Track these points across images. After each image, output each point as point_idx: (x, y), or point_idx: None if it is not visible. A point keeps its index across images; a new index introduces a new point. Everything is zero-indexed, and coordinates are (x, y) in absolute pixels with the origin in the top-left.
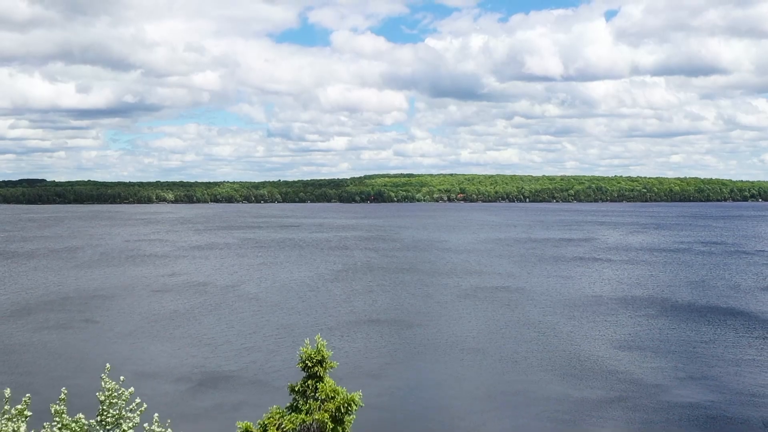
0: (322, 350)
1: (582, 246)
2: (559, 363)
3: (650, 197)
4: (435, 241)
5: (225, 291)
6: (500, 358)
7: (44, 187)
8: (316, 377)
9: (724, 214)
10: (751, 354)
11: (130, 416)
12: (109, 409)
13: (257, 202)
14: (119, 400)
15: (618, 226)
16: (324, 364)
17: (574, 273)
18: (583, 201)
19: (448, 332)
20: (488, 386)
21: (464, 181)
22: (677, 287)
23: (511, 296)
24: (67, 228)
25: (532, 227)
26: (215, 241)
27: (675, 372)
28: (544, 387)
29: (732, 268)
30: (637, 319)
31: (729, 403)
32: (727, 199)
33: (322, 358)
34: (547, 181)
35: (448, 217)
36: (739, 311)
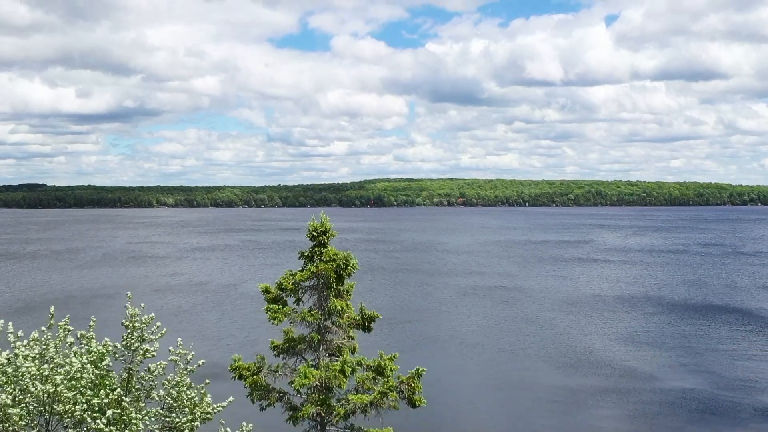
0: (325, 223)
1: (581, 247)
2: (556, 355)
3: (650, 201)
4: (434, 243)
5: (226, 289)
6: (498, 350)
7: (45, 191)
8: (321, 244)
9: (722, 217)
10: (744, 346)
11: (152, 338)
12: (132, 333)
13: (257, 206)
14: (141, 324)
15: (617, 229)
16: (327, 234)
17: (573, 273)
18: (583, 205)
19: (447, 328)
20: (486, 376)
21: (464, 186)
22: (674, 285)
23: (509, 294)
24: (68, 231)
25: (532, 230)
26: (216, 243)
27: (670, 363)
28: (540, 376)
29: (728, 267)
30: (634, 315)
31: (721, 391)
32: (726, 204)
33: (326, 230)
34: (546, 185)
35: (447, 220)
36: (734, 308)
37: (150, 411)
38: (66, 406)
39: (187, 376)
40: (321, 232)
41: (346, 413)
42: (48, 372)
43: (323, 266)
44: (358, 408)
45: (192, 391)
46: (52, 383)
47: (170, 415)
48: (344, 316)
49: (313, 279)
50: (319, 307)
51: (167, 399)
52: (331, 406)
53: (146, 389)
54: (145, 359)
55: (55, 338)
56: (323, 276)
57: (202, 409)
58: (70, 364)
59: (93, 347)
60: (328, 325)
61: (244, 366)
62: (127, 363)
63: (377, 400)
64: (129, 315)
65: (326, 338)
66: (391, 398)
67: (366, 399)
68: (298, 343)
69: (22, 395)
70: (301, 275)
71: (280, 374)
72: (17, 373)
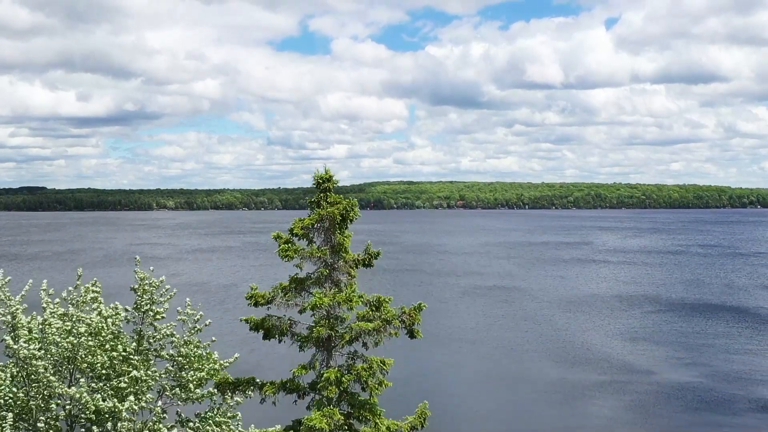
0: (329, 172)
1: (580, 248)
2: (554, 350)
3: (649, 204)
4: (434, 244)
5: (227, 289)
6: (497, 346)
7: (45, 194)
8: (325, 191)
9: (721, 219)
10: (740, 342)
11: (161, 301)
12: (142, 296)
13: (257, 209)
14: (151, 287)
15: (616, 231)
16: (331, 181)
17: (572, 272)
18: (582, 208)
19: (447, 325)
20: (483, 370)
21: (463, 188)
22: (672, 285)
23: (508, 293)
24: (68, 233)
25: (532, 232)
26: (217, 245)
27: (666, 358)
28: (539, 371)
29: (726, 267)
30: (632, 313)
31: (717, 384)
32: (725, 206)
33: (329, 177)
34: (546, 188)
35: (447, 222)
36: (731, 306)
37: (158, 371)
38: (89, 358)
39: (195, 335)
40: (326, 180)
41: (351, 338)
42: (71, 326)
43: (329, 209)
44: (363, 332)
45: (199, 348)
46: (77, 334)
47: (180, 373)
48: (349, 253)
49: (320, 222)
50: (326, 245)
51: (177, 357)
52: (339, 331)
53: (156, 349)
54: (156, 321)
55: (80, 297)
56: (329, 218)
57: (210, 365)
58: (90, 320)
59: (105, 309)
60: (334, 262)
61: (260, 294)
62: (138, 325)
63: (380, 326)
64: (139, 278)
65: (332, 275)
66: (394, 325)
67: (369, 326)
68: (307, 280)
69: (47, 348)
70: (309, 220)
71: (291, 303)
72: (44, 327)
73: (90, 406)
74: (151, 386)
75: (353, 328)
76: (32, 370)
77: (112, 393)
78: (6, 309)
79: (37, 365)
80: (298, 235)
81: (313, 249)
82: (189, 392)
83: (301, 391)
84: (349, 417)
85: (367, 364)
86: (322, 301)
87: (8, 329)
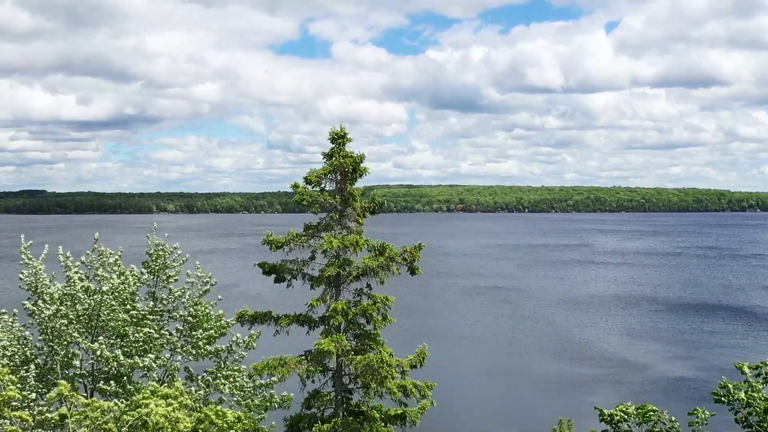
0: (343, 130)
1: (579, 250)
2: (551, 346)
3: (649, 207)
4: (434, 246)
5: (228, 288)
6: (496, 342)
7: (45, 197)
8: (339, 145)
9: (720, 222)
10: (736, 339)
11: (174, 265)
12: (156, 260)
13: (257, 212)
14: (164, 252)
15: (615, 233)
16: (344, 138)
17: (571, 273)
18: (582, 211)
19: (446, 323)
20: (482, 364)
21: (463, 192)
22: (670, 285)
23: (507, 293)
24: (69, 235)
25: (531, 234)
26: (218, 246)
27: (663, 354)
28: (535, 365)
29: (724, 268)
30: (630, 311)
31: (712, 378)
32: (725, 210)
33: (344, 134)
34: (545, 191)
35: (447, 225)
36: (727, 305)
37: (171, 331)
38: (110, 315)
39: (203, 296)
40: (340, 136)
41: (357, 274)
42: (94, 287)
43: (342, 161)
44: (369, 269)
45: (207, 307)
46: (99, 292)
47: (191, 332)
48: (358, 202)
49: (332, 173)
50: (338, 193)
51: (188, 317)
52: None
53: (169, 310)
54: (168, 284)
55: (99, 259)
56: (341, 169)
57: (219, 324)
58: (112, 280)
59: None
60: (344, 209)
61: (276, 239)
62: (152, 287)
63: (384, 263)
64: (153, 244)
65: (342, 221)
66: (397, 262)
67: (375, 263)
68: (319, 225)
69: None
70: (323, 170)
71: (304, 245)
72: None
73: (111, 361)
74: (164, 345)
75: (360, 266)
76: (56, 327)
77: (130, 350)
78: (30, 270)
79: (62, 322)
80: (312, 182)
81: (326, 196)
82: (199, 349)
83: (312, 323)
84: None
85: (372, 300)
86: (332, 243)
87: (33, 290)
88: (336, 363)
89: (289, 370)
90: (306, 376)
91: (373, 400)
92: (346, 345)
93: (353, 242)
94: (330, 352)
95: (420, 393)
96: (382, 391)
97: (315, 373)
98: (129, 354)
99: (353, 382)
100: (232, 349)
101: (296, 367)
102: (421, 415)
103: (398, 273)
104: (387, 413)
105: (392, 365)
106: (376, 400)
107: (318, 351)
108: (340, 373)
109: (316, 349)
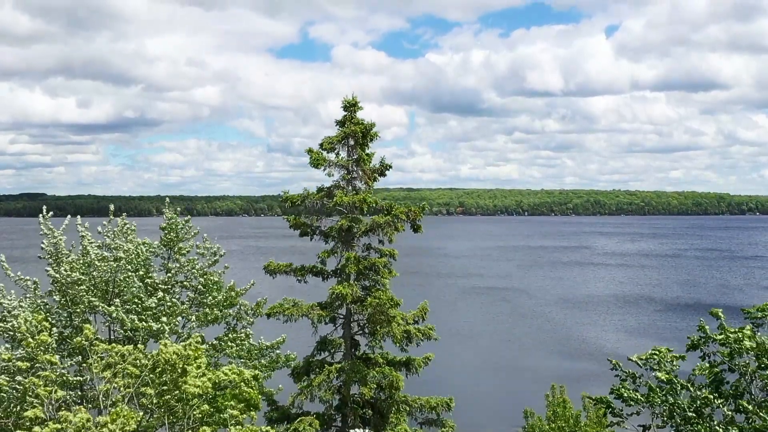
0: (355, 98)
1: (578, 252)
2: (549, 343)
3: (648, 211)
4: (434, 248)
5: None
6: (495, 340)
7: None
8: (353, 112)
9: (720, 225)
10: None
11: (186, 237)
12: (169, 233)
13: (257, 215)
14: (176, 225)
15: (614, 236)
16: (356, 106)
17: (570, 274)
18: (582, 214)
19: (445, 322)
20: (481, 360)
21: (463, 195)
22: (668, 285)
23: (507, 293)
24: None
25: (531, 236)
26: None
27: None
28: (533, 361)
29: (723, 269)
30: (628, 310)
31: None
32: (724, 213)
33: (355, 103)
34: (545, 195)
35: (447, 227)
36: (725, 304)
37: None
38: (125, 281)
39: (213, 266)
40: (352, 104)
41: (366, 229)
42: (109, 254)
43: (353, 128)
44: (376, 225)
45: (216, 276)
46: (115, 259)
47: (201, 299)
48: (368, 164)
49: (345, 139)
50: (349, 156)
51: (199, 287)
52: (357, 224)
53: (181, 281)
54: (181, 255)
55: (116, 228)
56: (353, 135)
57: (228, 292)
58: (128, 248)
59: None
60: (355, 171)
61: (292, 196)
62: (166, 259)
63: (390, 221)
64: (167, 217)
65: (353, 182)
66: (401, 219)
67: (382, 219)
68: (332, 187)
69: (88, 272)
70: (336, 136)
71: (318, 203)
72: (85, 254)
73: (126, 323)
74: (176, 312)
75: (368, 223)
76: (74, 293)
77: (145, 316)
78: (50, 239)
79: (79, 288)
80: (326, 148)
81: (340, 159)
82: (208, 315)
83: (326, 274)
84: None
85: (379, 253)
86: (343, 199)
87: (53, 258)
88: (346, 309)
89: (301, 311)
90: (317, 320)
91: (379, 345)
92: (356, 291)
93: (363, 200)
94: (344, 295)
95: (423, 336)
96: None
97: (326, 317)
98: (143, 319)
99: (361, 330)
100: (240, 315)
101: (308, 311)
102: (425, 364)
103: (402, 230)
104: (392, 360)
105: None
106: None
107: (332, 295)
108: (349, 320)
109: (331, 293)
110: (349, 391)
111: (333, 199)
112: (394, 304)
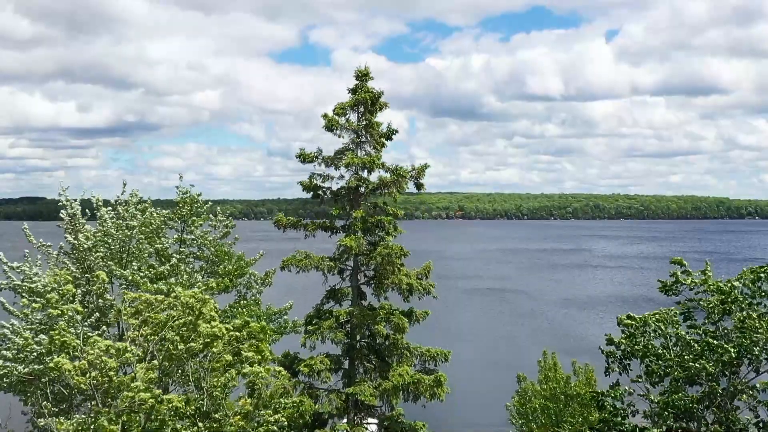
0: (367, 68)
1: (578, 254)
2: (549, 341)
3: (647, 215)
4: (434, 250)
5: None
6: (495, 338)
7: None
8: (365, 82)
9: (718, 229)
10: None
11: (200, 211)
12: (183, 207)
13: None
14: (190, 199)
15: (613, 239)
16: (367, 75)
17: (569, 274)
18: (581, 218)
19: (445, 322)
20: (480, 357)
21: (463, 199)
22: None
23: (506, 293)
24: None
25: (530, 239)
26: None
27: None
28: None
29: (721, 269)
30: (627, 309)
31: None
32: (723, 217)
33: (367, 73)
34: (545, 198)
35: (446, 231)
36: None
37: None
38: (139, 247)
39: (224, 237)
40: (363, 74)
41: (374, 188)
42: (125, 222)
43: (364, 95)
44: (383, 183)
45: (226, 246)
46: (130, 227)
47: (213, 267)
48: (376, 129)
49: (356, 105)
50: (359, 121)
51: (211, 257)
52: (365, 184)
53: (194, 252)
54: (194, 227)
55: (130, 198)
56: (363, 102)
57: (238, 263)
58: (141, 217)
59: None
60: (365, 134)
61: (306, 153)
62: (179, 232)
63: (397, 180)
64: (181, 192)
65: (363, 145)
66: (406, 178)
67: (389, 179)
68: (344, 149)
69: (104, 240)
70: (348, 102)
71: (330, 163)
72: (101, 222)
73: (141, 286)
74: (189, 280)
75: (375, 182)
76: (92, 260)
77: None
78: (68, 210)
79: (97, 255)
80: (338, 113)
81: (351, 123)
82: (220, 284)
83: (335, 229)
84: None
85: (385, 212)
86: (353, 160)
87: (70, 228)
88: (354, 261)
89: (312, 262)
90: (327, 271)
91: (384, 296)
92: (363, 244)
93: (371, 161)
94: (351, 247)
95: (424, 290)
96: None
97: (335, 268)
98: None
99: (367, 283)
100: (250, 284)
101: (319, 263)
102: (426, 316)
103: (407, 188)
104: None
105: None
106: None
107: (341, 248)
108: (356, 272)
109: (339, 245)
110: (356, 338)
111: (344, 160)
112: (402, 254)
